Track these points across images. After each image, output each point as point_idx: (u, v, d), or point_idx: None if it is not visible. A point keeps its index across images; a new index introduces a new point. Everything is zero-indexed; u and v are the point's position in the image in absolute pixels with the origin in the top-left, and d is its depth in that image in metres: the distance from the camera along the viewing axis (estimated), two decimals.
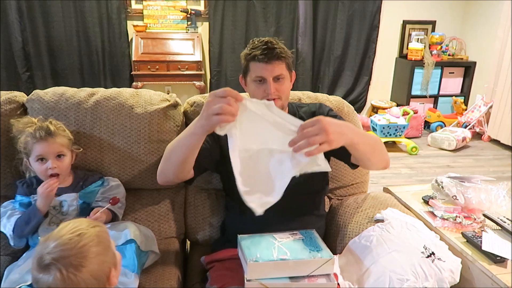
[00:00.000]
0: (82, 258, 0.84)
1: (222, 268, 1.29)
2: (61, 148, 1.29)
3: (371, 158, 1.26)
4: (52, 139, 1.27)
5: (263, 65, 1.30)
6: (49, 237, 0.87)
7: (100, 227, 0.92)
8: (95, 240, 0.87)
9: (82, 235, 0.86)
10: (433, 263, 1.15)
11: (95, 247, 0.86)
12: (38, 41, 3.95)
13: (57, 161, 1.28)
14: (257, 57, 1.30)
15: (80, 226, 0.88)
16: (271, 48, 1.30)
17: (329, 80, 4.66)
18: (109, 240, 0.93)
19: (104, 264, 0.88)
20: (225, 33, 4.28)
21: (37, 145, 1.25)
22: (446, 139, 4.05)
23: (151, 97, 1.54)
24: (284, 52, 1.33)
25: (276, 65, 1.31)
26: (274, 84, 1.31)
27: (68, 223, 0.90)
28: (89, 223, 0.91)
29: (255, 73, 1.32)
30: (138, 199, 1.52)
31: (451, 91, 4.76)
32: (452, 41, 4.79)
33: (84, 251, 0.84)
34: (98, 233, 0.89)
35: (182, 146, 1.18)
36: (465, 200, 1.45)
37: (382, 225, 1.33)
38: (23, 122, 1.32)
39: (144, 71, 3.86)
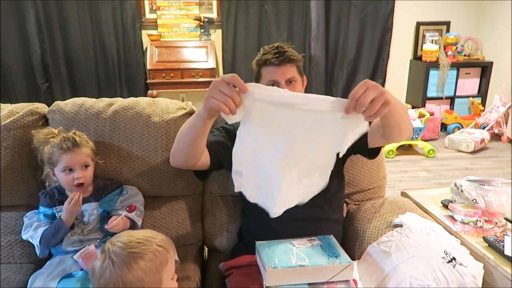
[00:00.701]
0: (124, 261, 0.89)
1: (241, 274, 1.29)
2: (86, 159, 1.33)
3: (401, 123, 1.15)
4: (79, 149, 1.30)
5: (275, 68, 1.32)
6: (125, 233, 0.98)
7: (164, 250, 0.95)
8: (148, 256, 0.91)
9: (141, 245, 0.92)
10: (455, 268, 1.14)
11: (142, 261, 0.90)
12: (56, 52, 4.05)
13: (82, 171, 1.31)
14: (269, 61, 1.32)
15: (149, 238, 0.94)
16: (282, 51, 1.32)
17: (343, 84, 4.64)
18: (163, 264, 0.94)
19: (140, 280, 0.90)
20: (238, 40, 4.31)
21: (64, 156, 1.28)
22: (464, 141, 3.98)
23: (168, 105, 1.56)
24: (295, 56, 1.35)
25: (287, 68, 1.32)
26: (287, 87, 1.32)
27: (147, 231, 0.98)
28: (161, 242, 0.95)
29: (267, 77, 1.34)
30: (156, 207, 1.54)
31: (468, 92, 4.69)
32: (467, 41, 4.72)
33: (131, 256, 0.90)
34: (156, 254, 0.92)
35: (189, 128, 1.16)
36: (486, 203, 1.43)
37: (401, 230, 1.32)
38: (43, 133, 1.35)
39: (159, 79, 3.91)
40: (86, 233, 1.30)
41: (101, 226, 1.31)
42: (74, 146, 1.29)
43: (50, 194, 1.35)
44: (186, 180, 1.54)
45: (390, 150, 3.80)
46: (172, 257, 0.98)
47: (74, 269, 1.23)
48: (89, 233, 1.31)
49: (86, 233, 1.30)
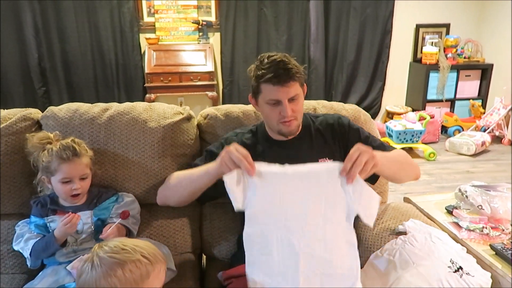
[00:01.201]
0: (102, 264, 0.86)
1: (240, 284, 1.25)
2: (85, 170, 1.29)
3: (399, 174, 1.33)
4: (78, 159, 1.26)
5: (278, 87, 1.23)
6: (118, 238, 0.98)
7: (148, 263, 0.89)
8: (128, 266, 0.86)
9: (124, 252, 0.87)
10: (461, 278, 1.10)
11: (120, 270, 0.85)
12: (53, 56, 4.01)
13: (81, 182, 1.27)
14: (271, 80, 1.23)
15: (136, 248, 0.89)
16: (285, 69, 1.22)
17: (343, 87, 4.61)
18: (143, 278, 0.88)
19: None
20: (237, 43, 4.28)
21: (63, 166, 1.24)
22: (464, 144, 3.95)
23: (165, 110, 1.52)
24: (299, 71, 1.26)
25: (291, 87, 1.24)
26: (290, 105, 1.26)
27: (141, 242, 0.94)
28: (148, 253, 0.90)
29: (269, 96, 1.26)
30: (153, 214, 1.50)
31: (468, 95, 4.66)
32: (467, 43, 4.70)
33: (109, 261, 0.86)
34: (137, 264, 0.87)
35: (193, 182, 1.25)
36: (492, 209, 1.39)
37: (405, 237, 1.29)
38: (38, 137, 1.31)
39: (157, 83, 3.87)
40: (80, 243, 1.26)
41: (95, 235, 1.27)
42: (74, 156, 1.25)
43: (42, 203, 1.31)
44: None
45: None
46: (156, 272, 0.91)
47: (67, 281, 1.19)
48: (83, 242, 1.27)
49: (80, 243, 1.26)
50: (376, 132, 1.68)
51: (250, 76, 1.31)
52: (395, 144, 3.87)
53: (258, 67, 1.26)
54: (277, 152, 1.37)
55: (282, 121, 1.29)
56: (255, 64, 1.29)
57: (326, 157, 1.38)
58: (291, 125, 1.31)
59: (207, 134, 1.57)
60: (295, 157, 1.36)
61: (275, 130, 1.35)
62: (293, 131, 1.35)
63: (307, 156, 1.37)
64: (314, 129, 1.42)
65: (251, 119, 1.57)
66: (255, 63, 1.29)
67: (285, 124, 1.30)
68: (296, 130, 1.36)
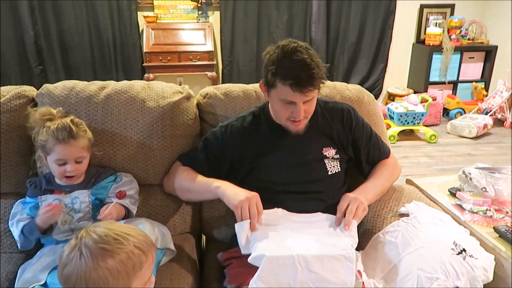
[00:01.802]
0: (93, 255, 0.80)
1: (240, 265, 1.24)
2: (81, 153, 1.24)
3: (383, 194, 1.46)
4: (75, 142, 1.21)
5: (297, 94, 1.15)
6: (107, 222, 0.93)
7: (140, 253, 0.84)
8: (121, 257, 0.81)
9: (116, 242, 0.82)
10: (465, 260, 1.09)
11: (111, 261, 0.80)
12: (49, 35, 3.94)
13: (76, 164, 1.23)
14: (291, 85, 1.13)
15: (128, 237, 0.84)
16: (308, 76, 1.13)
17: (344, 68, 4.55)
18: (136, 269, 0.84)
19: (104, 280, 0.80)
20: (237, 22, 4.19)
21: (58, 147, 1.20)
22: (466, 127, 3.92)
23: (163, 89, 1.49)
24: (321, 76, 1.16)
25: (310, 92, 1.17)
26: (304, 106, 1.20)
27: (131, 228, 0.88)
28: (141, 243, 0.85)
29: (284, 96, 1.18)
30: (152, 195, 1.48)
31: (471, 77, 4.60)
32: (472, 24, 4.61)
33: (101, 253, 0.80)
34: (131, 256, 0.82)
35: (198, 194, 1.36)
36: (496, 192, 1.37)
37: (408, 219, 1.27)
38: (40, 112, 1.26)
39: (156, 62, 3.81)
40: (77, 221, 1.24)
41: (93, 215, 1.25)
42: (69, 137, 1.20)
43: (36, 183, 1.29)
44: None
45: (391, 136, 3.74)
46: (149, 262, 0.87)
47: None
48: (81, 221, 1.25)
49: (77, 221, 1.24)
50: (379, 113, 1.65)
51: (265, 62, 1.20)
52: (396, 126, 3.84)
53: (278, 63, 1.15)
54: (280, 137, 1.34)
55: (292, 120, 1.25)
56: (274, 53, 1.17)
57: (330, 147, 1.36)
58: (300, 125, 1.28)
59: (207, 114, 1.53)
60: (299, 144, 1.34)
61: (282, 124, 1.32)
62: (300, 131, 1.31)
63: (311, 144, 1.34)
64: (321, 116, 1.38)
65: (252, 99, 1.53)
66: (276, 52, 1.17)
67: (294, 123, 1.26)
68: (303, 130, 1.32)
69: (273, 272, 1.03)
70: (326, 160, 1.35)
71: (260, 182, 1.32)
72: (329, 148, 1.36)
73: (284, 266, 1.03)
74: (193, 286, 1.26)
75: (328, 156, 1.35)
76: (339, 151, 1.38)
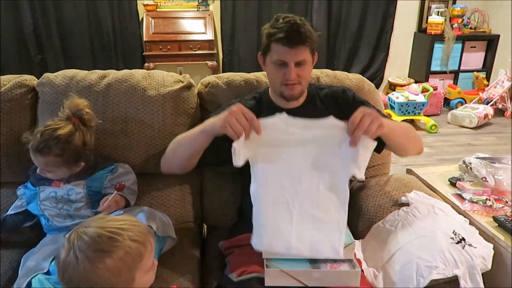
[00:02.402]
0: (90, 259, 0.79)
1: (241, 254, 1.25)
2: (47, 167, 1.22)
3: (405, 144, 1.32)
4: (41, 156, 1.19)
5: (286, 49, 1.21)
6: (98, 219, 0.87)
7: (138, 245, 0.83)
8: (118, 254, 0.80)
9: (112, 241, 0.81)
10: (464, 249, 1.09)
11: (110, 260, 0.79)
12: (49, 23, 3.90)
13: (47, 172, 1.23)
14: (281, 40, 1.20)
15: (122, 232, 0.82)
16: (297, 31, 1.20)
17: (345, 57, 4.52)
18: (136, 262, 0.83)
19: (107, 280, 0.80)
20: (237, 11, 4.15)
21: (32, 155, 1.21)
22: (467, 117, 3.91)
23: (164, 78, 1.48)
24: (310, 36, 1.23)
25: (300, 50, 1.22)
26: (295, 69, 1.23)
27: (126, 219, 0.87)
28: (137, 235, 0.84)
29: (276, 56, 1.24)
30: (153, 184, 1.49)
31: (473, 66, 4.58)
32: (474, 13, 4.57)
33: (98, 256, 0.79)
34: (128, 251, 0.81)
35: (191, 142, 1.24)
36: (496, 181, 1.38)
37: (407, 208, 1.28)
38: (75, 104, 1.24)
39: (156, 51, 3.79)
40: (76, 211, 1.25)
41: (92, 204, 1.26)
42: (36, 151, 1.18)
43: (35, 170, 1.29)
44: None
45: None
46: (149, 251, 0.87)
47: None
48: (79, 210, 1.25)
49: (76, 211, 1.25)
50: (380, 102, 1.65)
51: (262, 34, 1.28)
52: (397, 116, 3.83)
53: (272, 26, 1.24)
54: None
55: (285, 83, 1.26)
56: (270, 23, 1.26)
57: None
58: (293, 89, 1.28)
59: (208, 103, 1.53)
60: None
61: (277, 92, 1.31)
62: (295, 96, 1.31)
63: None
64: (319, 100, 1.38)
65: (253, 88, 1.53)
66: (271, 22, 1.26)
67: (287, 86, 1.27)
68: (298, 96, 1.32)
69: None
70: None
71: None
72: None
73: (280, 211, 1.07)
74: (194, 274, 1.27)
75: None
76: None
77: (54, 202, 1.24)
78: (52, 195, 1.24)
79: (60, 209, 1.24)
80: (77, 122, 1.24)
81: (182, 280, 1.23)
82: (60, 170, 1.23)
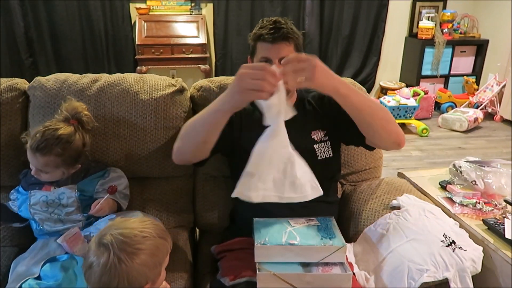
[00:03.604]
0: (130, 257, 0.86)
1: (233, 258, 1.25)
2: (43, 167, 1.21)
3: (372, 122, 1.18)
4: (40, 155, 1.18)
5: (269, 45, 1.24)
6: (122, 222, 0.93)
7: (164, 241, 0.93)
8: (152, 250, 0.89)
9: (145, 239, 0.89)
10: (454, 252, 1.10)
11: (146, 256, 0.88)
12: (40, 26, 3.88)
13: (40, 172, 1.22)
14: (263, 37, 1.24)
15: (150, 230, 0.91)
16: (278, 28, 1.23)
17: (337, 61, 4.56)
18: (164, 256, 0.94)
19: (144, 275, 0.88)
20: (230, 15, 4.17)
21: (28, 153, 1.20)
22: (457, 120, 3.96)
23: (156, 82, 1.48)
24: (292, 33, 1.26)
25: (282, 46, 1.24)
26: (280, 65, 1.24)
27: (145, 220, 0.95)
28: (161, 232, 0.93)
29: (261, 53, 1.27)
30: (145, 188, 1.48)
31: (463, 71, 4.64)
32: (464, 18, 4.64)
33: (136, 253, 0.86)
34: (159, 246, 0.91)
35: (204, 124, 1.13)
36: (485, 185, 1.39)
37: (399, 212, 1.29)
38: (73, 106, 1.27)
39: (148, 55, 3.78)
40: (67, 215, 1.24)
41: (83, 209, 1.25)
42: (36, 150, 1.18)
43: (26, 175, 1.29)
44: None
45: None
46: (170, 247, 0.96)
47: (58, 253, 1.18)
48: (70, 214, 1.24)
49: (67, 215, 1.24)
50: None
51: (249, 39, 1.32)
52: None
53: (256, 28, 1.29)
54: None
55: None
56: (255, 27, 1.30)
57: (319, 129, 1.37)
58: None
59: (201, 107, 1.52)
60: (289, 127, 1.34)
61: None
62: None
63: (301, 127, 1.34)
64: (307, 102, 1.40)
65: None
66: (256, 26, 1.30)
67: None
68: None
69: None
70: (315, 145, 1.35)
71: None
72: (317, 130, 1.36)
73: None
74: (186, 279, 1.27)
75: (317, 139, 1.35)
76: (329, 132, 1.37)
77: (45, 206, 1.23)
78: (43, 199, 1.23)
79: (50, 213, 1.23)
80: (76, 124, 1.25)
81: (175, 284, 1.22)
82: (57, 171, 1.23)
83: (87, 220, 1.25)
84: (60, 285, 1.10)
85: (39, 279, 1.12)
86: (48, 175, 1.23)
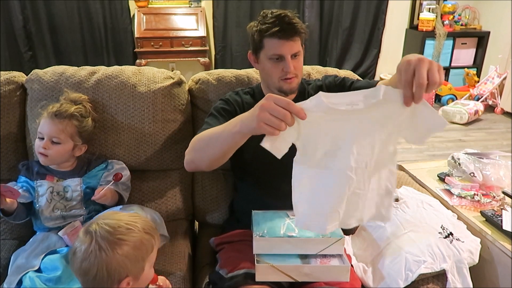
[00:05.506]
0: (112, 247, 0.86)
1: (232, 250, 1.26)
2: (59, 134, 1.21)
3: None
4: (58, 121, 1.21)
5: (283, 42, 1.21)
6: (111, 214, 0.94)
7: (150, 237, 0.92)
8: (136, 243, 0.89)
9: (129, 231, 0.89)
10: (452, 243, 1.11)
11: (129, 248, 0.87)
12: (39, 19, 3.86)
13: (50, 143, 1.22)
14: (274, 33, 1.20)
15: (137, 224, 0.91)
16: (290, 23, 1.20)
17: (337, 53, 4.54)
18: (149, 252, 0.93)
19: (124, 267, 0.87)
20: (229, 7, 4.14)
21: (42, 121, 1.23)
22: (457, 113, 3.95)
23: (154, 75, 1.48)
24: (303, 27, 1.24)
25: (295, 42, 1.22)
26: (292, 62, 1.23)
27: (135, 215, 0.95)
28: (148, 228, 0.93)
29: (272, 50, 1.23)
30: (144, 181, 1.48)
31: (463, 63, 4.62)
32: (465, 10, 4.61)
33: (118, 243, 0.86)
34: (143, 241, 0.90)
35: (223, 143, 1.07)
36: (483, 177, 1.39)
37: (397, 204, 1.29)
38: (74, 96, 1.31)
39: (148, 48, 3.77)
40: (69, 209, 1.25)
41: (85, 203, 1.26)
42: (54, 116, 1.21)
43: (28, 166, 1.28)
44: (175, 153, 1.48)
45: None
46: (157, 245, 0.95)
47: (59, 246, 1.19)
48: (72, 209, 1.25)
49: (69, 209, 1.25)
50: None
51: (251, 32, 1.27)
52: None
53: (261, 22, 1.23)
54: None
55: (284, 78, 1.25)
56: (257, 20, 1.26)
57: None
58: (292, 82, 1.28)
59: (199, 100, 1.53)
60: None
61: (275, 87, 1.30)
62: (294, 89, 1.31)
63: None
64: (307, 94, 1.39)
65: (244, 84, 1.53)
66: (257, 19, 1.26)
67: (286, 81, 1.27)
68: (296, 88, 1.32)
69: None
70: None
71: (247, 165, 1.33)
72: None
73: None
74: (185, 271, 1.28)
75: None
76: None
77: (50, 198, 1.24)
78: (50, 190, 1.24)
79: (53, 207, 1.24)
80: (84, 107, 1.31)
81: (174, 276, 1.23)
82: (68, 144, 1.24)
83: (87, 215, 1.26)
84: (60, 277, 1.11)
85: (39, 271, 1.13)
86: (57, 148, 1.22)
